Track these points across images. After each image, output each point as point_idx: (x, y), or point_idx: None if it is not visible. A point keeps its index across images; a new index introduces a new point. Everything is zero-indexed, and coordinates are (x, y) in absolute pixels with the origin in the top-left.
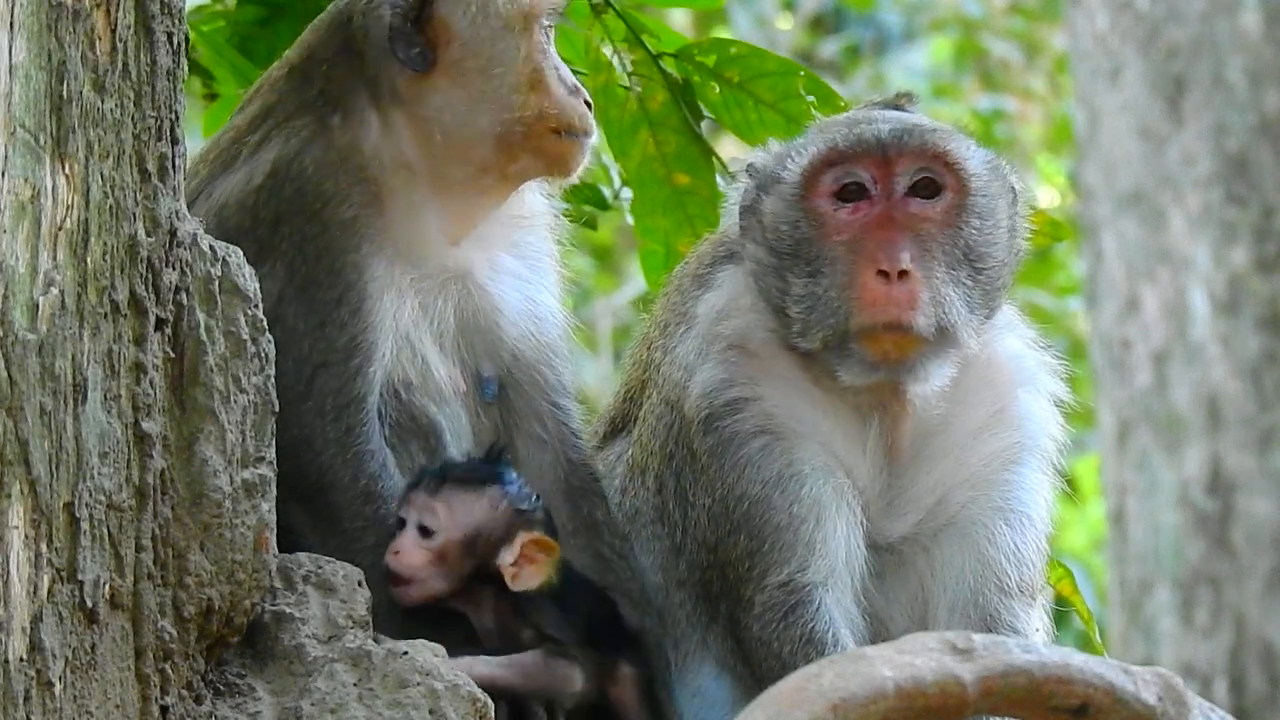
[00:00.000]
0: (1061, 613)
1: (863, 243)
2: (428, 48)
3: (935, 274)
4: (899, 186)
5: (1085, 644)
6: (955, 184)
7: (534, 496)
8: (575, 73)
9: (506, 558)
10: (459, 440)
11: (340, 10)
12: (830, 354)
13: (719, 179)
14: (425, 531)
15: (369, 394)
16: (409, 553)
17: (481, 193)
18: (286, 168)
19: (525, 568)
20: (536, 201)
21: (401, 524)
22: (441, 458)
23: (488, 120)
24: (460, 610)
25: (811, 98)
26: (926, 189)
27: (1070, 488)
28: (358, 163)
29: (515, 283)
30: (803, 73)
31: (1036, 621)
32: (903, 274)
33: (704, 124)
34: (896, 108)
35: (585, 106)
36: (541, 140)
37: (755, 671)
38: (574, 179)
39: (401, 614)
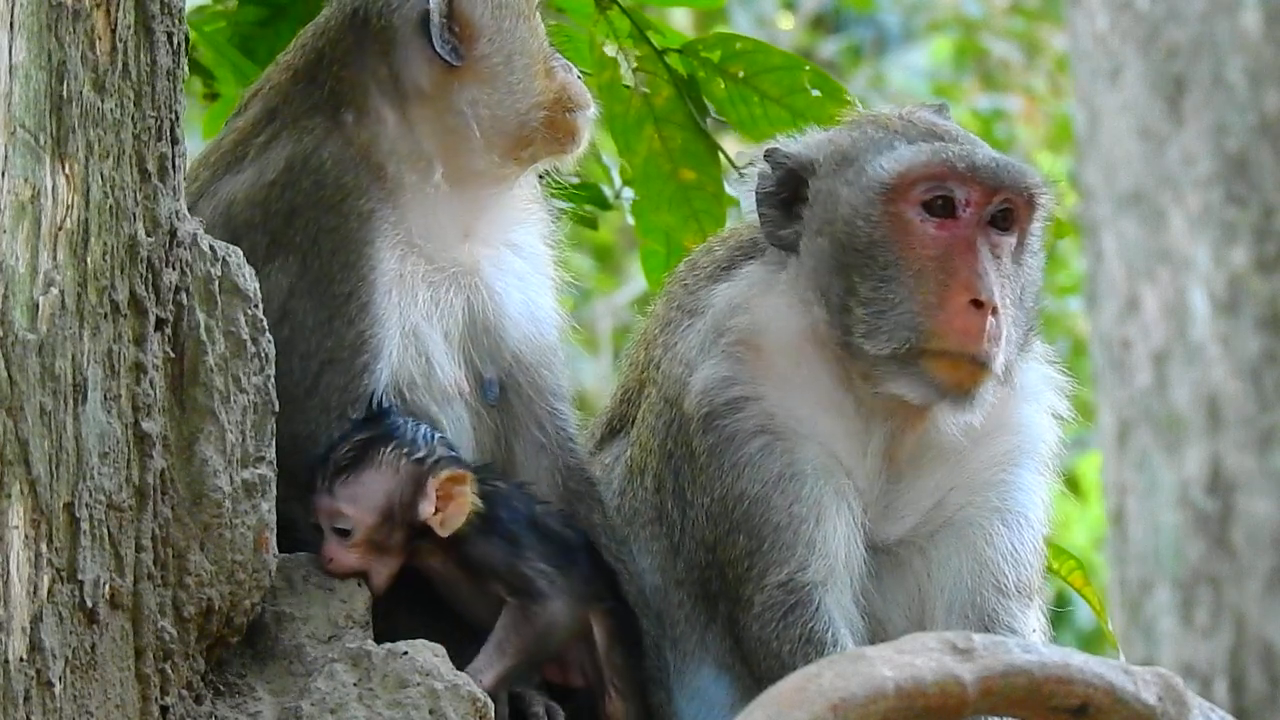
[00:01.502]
0: (1060, 613)
1: (953, 265)
2: (458, 42)
3: (1008, 310)
4: (986, 214)
5: (1092, 639)
6: (1025, 221)
7: (427, 437)
8: (580, 71)
9: (426, 510)
10: (460, 442)
11: (351, 12)
12: (893, 364)
13: (724, 175)
14: (342, 533)
15: (375, 392)
16: (340, 558)
17: (496, 182)
18: (303, 162)
19: (447, 509)
20: (532, 200)
21: (319, 530)
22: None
23: (517, 108)
24: (424, 573)
25: (817, 92)
26: (1003, 221)
27: (1072, 488)
28: (376, 160)
29: (517, 282)
30: (808, 67)
31: (1034, 622)
32: (994, 309)
33: (709, 120)
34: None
35: (579, 80)
36: (557, 119)
37: (754, 671)
38: (581, 151)
39: (387, 613)
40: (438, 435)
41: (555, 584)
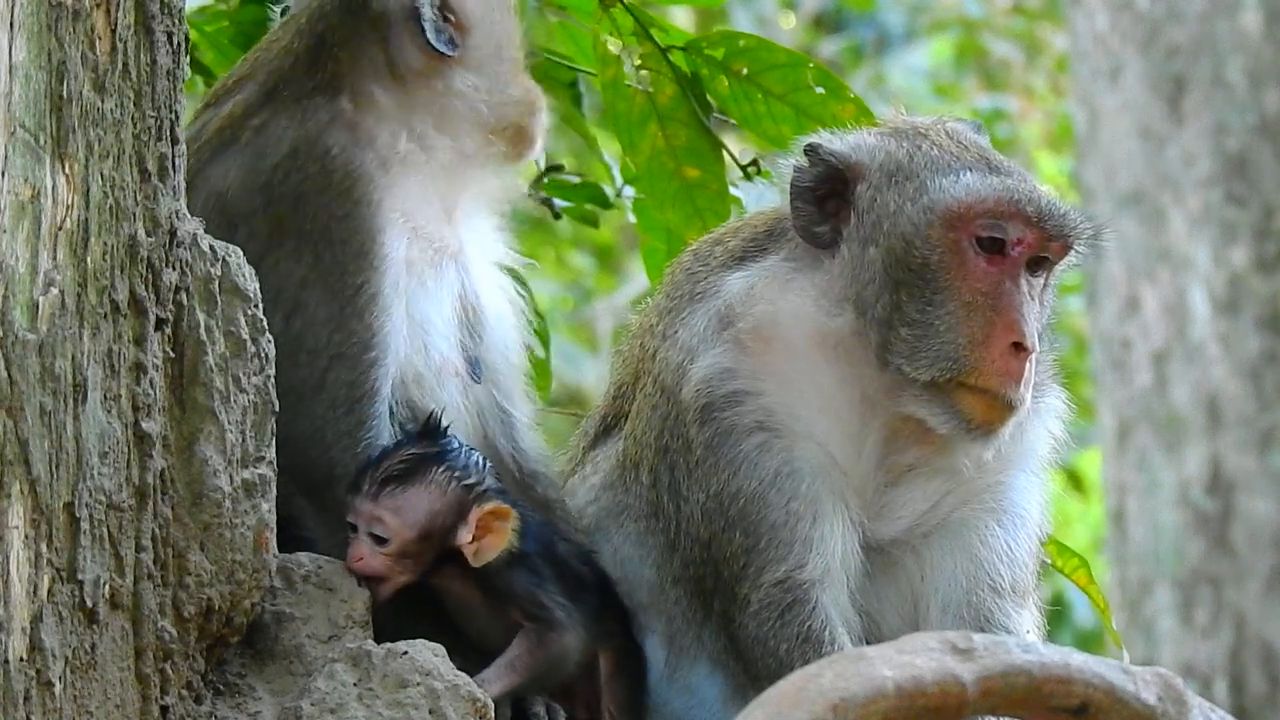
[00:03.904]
0: (1059, 611)
1: (1000, 304)
2: (453, 30)
3: (1037, 352)
4: (1030, 256)
5: (1091, 639)
6: (1056, 263)
7: (479, 464)
8: (582, 70)
9: (464, 537)
10: (454, 424)
11: None
12: (927, 390)
13: (727, 173)
14: (378, 539)
15: (382, 387)
16: (368, 560)
17: (474, 168)
18: (309, 146)
19: (484, 540)
20: (498, 194)
21: (353, 528)
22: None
23: (500, 98)
24: (438, 590)
25: (821, 89)
26: (1039, 265)
27: (1073, 485)
28: (379, 144)
29: (492, 263)
30: (812, 65)
31: (1029, 622)
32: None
33: (712, 117)
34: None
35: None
36: (523, 123)
37: (749, 669)
38: (533, 158)
39: (392, 615)
40: (488, 464)
41: (571, 617)
